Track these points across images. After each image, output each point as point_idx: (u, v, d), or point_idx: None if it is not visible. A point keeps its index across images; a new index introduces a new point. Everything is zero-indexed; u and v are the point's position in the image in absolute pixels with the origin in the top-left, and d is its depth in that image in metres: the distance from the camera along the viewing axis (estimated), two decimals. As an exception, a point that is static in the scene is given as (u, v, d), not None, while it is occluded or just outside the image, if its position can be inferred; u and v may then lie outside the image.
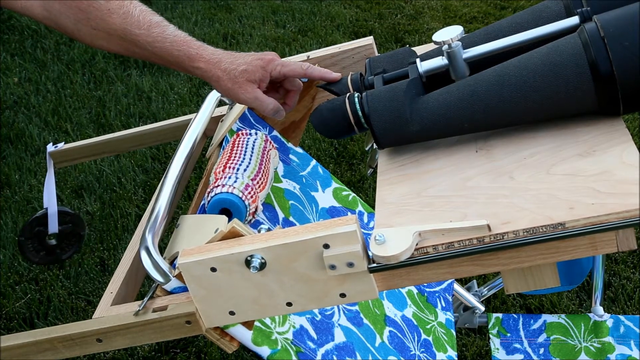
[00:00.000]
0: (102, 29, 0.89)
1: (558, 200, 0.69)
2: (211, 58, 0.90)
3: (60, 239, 1.33)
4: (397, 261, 0.71)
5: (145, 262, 0.82)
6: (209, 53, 0.90)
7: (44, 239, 1.31)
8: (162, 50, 0.89)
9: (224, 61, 0.90)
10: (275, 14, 3.42)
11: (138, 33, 0.88)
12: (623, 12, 0.72)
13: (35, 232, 1.29)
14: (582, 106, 0.76)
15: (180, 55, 0.89)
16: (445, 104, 0.81)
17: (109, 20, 0.88)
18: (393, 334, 1.13)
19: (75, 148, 1.27)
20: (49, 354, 0.87)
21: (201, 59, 0.90)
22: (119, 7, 0.88)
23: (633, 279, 1.77)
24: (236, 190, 0.89)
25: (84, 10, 0.88)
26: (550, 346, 1.32)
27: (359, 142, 2.40)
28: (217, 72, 0.90)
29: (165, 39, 0.89)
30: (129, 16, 0.88)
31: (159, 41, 0.89)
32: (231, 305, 0.79)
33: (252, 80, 0.90)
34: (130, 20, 0.88)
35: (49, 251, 1.33)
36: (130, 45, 0.90)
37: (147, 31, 0.88)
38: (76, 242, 1.36)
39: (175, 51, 0.89)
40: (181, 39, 0.90)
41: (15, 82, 2.88)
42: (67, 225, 1.32)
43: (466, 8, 3.42)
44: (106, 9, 0.88)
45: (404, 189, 0.82)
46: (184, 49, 0.89)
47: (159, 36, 0.89)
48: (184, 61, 0.90)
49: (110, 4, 0.88)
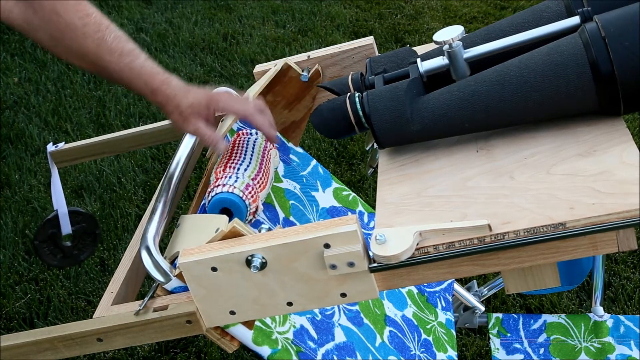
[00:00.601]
0: (75, 50, 0.92)
1: (558, 200, 0.69)
2: (169, 93, 0.94)
3: (76, 239, 1.33)
4: (398, 261, 0.71)
5: (145, 261, 0.82)
6: (170, 88, 0.95)
7: (58, 241, 1.30)
8: (129, 79, 0.94)
9: (178, 96, 0.95)
10: (275, 14, 3.42)
11: (109, 60, 0.92)
12: (624, 12, 0.72)
13: (49, 235, 1.28)
14: (583, 106, 0.76)
15: (144, 87, 0.94)
16: (445, 104, 0.81)
17: (83, 43, 0.91)
18: (393, 333, 1.13)
19: (75, 148, 1.27)
20: (49, 353, 0.87)
21: (161, 94, 0.94)
22: (95, 31, 0.92)
23: (633, 279, 1.77)
24: (237, 189, 0.89)
25: (61, 31, 0.91)
26: (550, 346, 1.32)
27: (359, 142, 2.40)
28: (170, 107, 0.95)
29: (133, 70, 0.93)
30: (103, 42, 0.92)
31: (126, 71, 0.93)
32: (232, 304, 0.79)
33: (197, 114, 0.95)
34: (103, 46, 0.92)
35: (65, 253, 1.32)
36: (100, 69, 0.94)
37: (118, 59, 0.92)
38: (92, 241, 1.36)
39: (140, 82, 0.94)
40: (147, 72, 0.94)
41: (15, 82, 2.88)
42: (80, 225, 1.32)
43: (466, 8, 3.42)
44: (82, 32, 0.91)
45: (405, 188, 0.82)
46: (149, 81, 0.94)
47: (126, 66, 0.93)
48: (146, 94, 0.95)
49: (86, 28, 0.91)
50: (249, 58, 2.98)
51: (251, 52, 3.02)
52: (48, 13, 0.90)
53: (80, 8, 0.92)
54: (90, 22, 0.91)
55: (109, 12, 3.38)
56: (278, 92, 1.15)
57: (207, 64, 2.96)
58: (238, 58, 2.99)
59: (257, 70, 1.17)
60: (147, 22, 3.32)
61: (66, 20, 0.90)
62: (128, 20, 3.31)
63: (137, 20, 3.33)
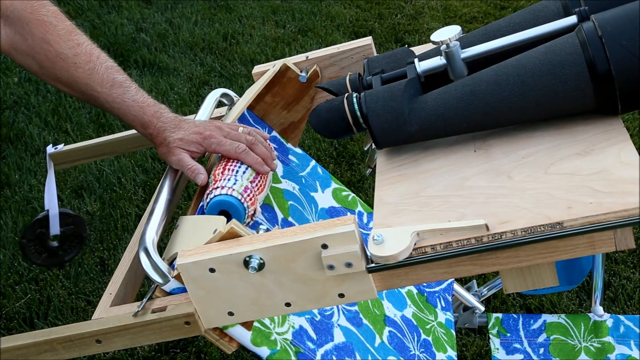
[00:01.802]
0: (65, 79, 0.92)
1: (556, 200, 0.69)
2: (160, 126, 0.95)
3: (62, 240, 1.33)
4: (396, 261, 0.71)
5: (144, 263, 0.83)
6: (160, 121, 0.95)
7: (45, 241, 1.31)
8: (119, 111, 0.94)
9: (168, 130, 0.95)
10: (275, 14, 3.42)
11: (100, 91, 0.92)
12: (621, 12, 0.72)
13: (37, 234, 1.29)
14: (580, 105, 0.76)
15: (134, 120, 0.95)
16: (443, 104, 0.81)
17: (74, 73, 0.91)
18: (392, 334, 1.13)
19: (75, 150, 1.27)
20: (49, 355, 0.87)
21: (151, 127, 0.95)
22: (86, 62, 0.92)
23: (633, 279, 1.77)
24: (235, 192, 0.89)
25: (51, 60, 0.90)
26: (550, 346, 1.32)
27: (358, 142, 2.40)
28: (159, 139, 0.95)
29: (124, 102, 0.94)
30: (94, 73, 0.92)
31: (117, 102, 0.93)
32: (230, 305, 0.79)
33: (183, 148, 0.95)
34: (94, 77, 0.92)
35: (51, 253, 1.33)
36: (89, 98, 0.94)
37: (109, 90, 0.92)
38: (78, 243, 1.36)
39: (130, 115, 0.94)
40: (138, 104, 0.94)
41: (15, 82, 2.88)
42: (68, 226, 1.32)
43: (466, 8, 3.41)
44: (72, 62, 0.91)
45: (403, 188, 0.82)
46: (139, 115, 0.94)
47: (118, 97, 0.93)
48: (137, 125, 0.96)
49: (77, 58, 0.91)
50: (249, 58, 2.98)
51: (251, 52, 3.02)
52: (38, 42, 0.89)
53: (71, 37, 0.91)
54: (81, 53, 0.91)
55: (109, 11, 3.38)
56: (277, 93, 1.15)
57: (207, 64, 2.96)
58: (238, 58, 2.99)
59: (256, 71, 1.17)
60: (147, 22, 3.32)
61: (57, 50, 0.90)
62: (128, 20, 3.31)
63: (137, 20, 3.33)
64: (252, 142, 0.96)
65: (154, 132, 0.95)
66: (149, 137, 0.96)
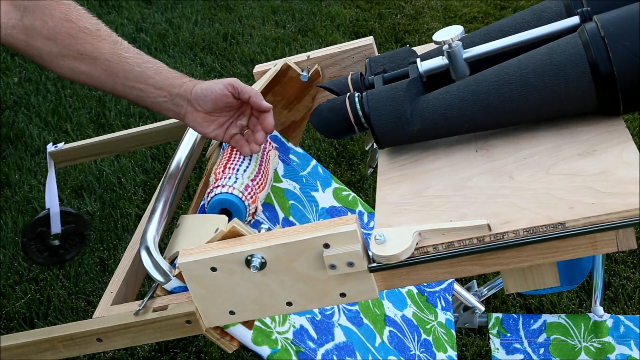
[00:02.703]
0: (89, 52, 0.92)
1: (558, 200, 0.69)
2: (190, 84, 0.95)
3: (64, 239, 1.33)
4: (397, 261, 0.71)
5: (145, 261, 0.83)
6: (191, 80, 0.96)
7: (47, 240, 1.31)
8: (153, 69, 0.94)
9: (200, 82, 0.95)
10: (275, 14, 3.42)
11: (128, 56, 0.93)
12: (623, 12, 0.72)
13: (38, 233, 1.29)
14: (582, 106, 0.76)
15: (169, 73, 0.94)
16: (445, 104, 0.81)
17: (99, 44, 0.92)
18: (393, 333, 1.13)
19: (75, 148, 1.27)
20: (49, 353, 0.87)
21: (184, 85, 0.94)
22: (109, 35, 0.94)
23: (633, 279, 1.77)
24: (236, 190, 0.89)
25: (74, 36, 0.91)
26: (550, 346, 1.32)
27: (359, 142, 2.40)
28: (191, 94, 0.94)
29: (156, 62, 0.95)
30: (119, 43, 0.93)
31: (151, 62, 0.94)
32: (231, 304, 0.79)
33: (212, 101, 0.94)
34: (120, 46, 0.93)
35: (52, 252, 1.33)
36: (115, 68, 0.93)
37: (137, 55, 0.94)
38: (79, 242, 1.36)
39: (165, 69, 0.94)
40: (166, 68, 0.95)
41: (15, 82, 2.88)
42: (69, 225, 1.32)
43: (466, 8, 3.42)
44: (97, 35, 0.92)
45: (404, 188, 0.82)
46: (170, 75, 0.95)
47: (150, 59, 0.94)
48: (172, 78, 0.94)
49: (100, 32, 0.93)
50: (249, 58, 2.98)
51: (251, 52, 3.02)
52: (60, 21, 0.91)
53: (90, 16, 0.94)
54: (102, 28, 0.94)
55: (109, 11, 3.38)
56: (278, 92, 1.15)
57: (207, 64, 2.96)
58: (238, 58, 2.99)
59: (257, 70, 1.17)
60: (147, 22, 3.32)
61: (79, 26, 0.92)
62: (128, 20, 3.31)
63: (137, 20, 3.33)
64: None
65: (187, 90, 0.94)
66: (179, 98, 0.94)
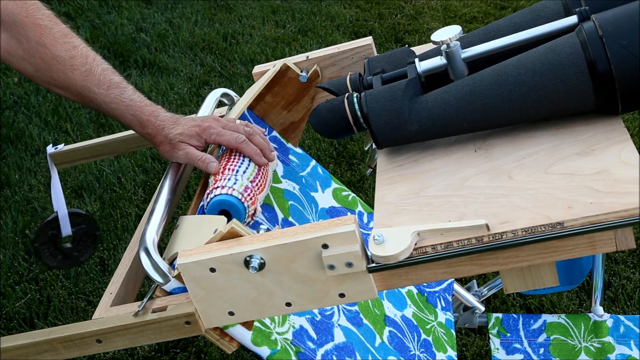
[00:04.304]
0: (61, 81, 0.92)
1: (556, 200, 0.69)
2: (158, 125, 0.95)
3: (75, 241, 1.33)
4: (396, 261, 0.71)
5: (144, 262, 0.83)
6: (158, 119, 0.95)
7: (58, 243, 1.30)
8: (117, 111, 0.94)
9: (167, 127, 0.95)
10: (275, 14, 3.42)
11: (97, 92, 0.92)
12: (621, 11, 0.72)
13: (49, 237, 1.28)
14: (581, 105, 0.76)
15: (133, 120, 0.95)
16: (443, 104, 0.81)
17: (71, 75, 0.91)
18: (393, 334, 1.13)
19: (75, 149, 1.27)
20: (49, 354, 0.87)
21: (150, 125, 0.95)
22: (82, 64, 0.92)
23: (633, 279, 1.77)
24: (235, 192, 0.89)
25: (47, 63, 0.91)
26: (550, 346, 1.32)
27: (359, 142, 2.40)
28: (159, 137, 0.95)
29: (122, 102, 0.94)
30: (91, 74, 0.92)
31: (115, 103, 0.93)
32: (230, 305, 0.79)
33: (186, 142, 0.95)
34: (91, 79, 0.92)
35: (65, 254, 1.33)
36: (86, 100, 0.94)
37: (106, 91, 0.93)
38: (92, 242, 1.36)
39: (128, 115, 0.94)
40: (136, 104, 0.94)
41: (15, 82, 2.88)
42: (80, 226, 1.32)
43: (466, 8, 3.41)
44: (69, 64, 0.91)
45: (403, 188, 0.82)
46: (137, 114, 0.94)
47: (115, 98, 0.93)
48: (135, 125, 0.95)
49: (73, 60, 0.91)
50: (249, 58, 2.98)
51: (251, 52, 3.02)
52: (34, 45, 0.90)
53: (67, 40, 0.92)
54: (77, 55, 0.92)
55: (109, 11, 3.38)
56: (277, 93, 1.15)
57: (207, 64, 2.96)
58: (238, 58, 2.99)
59: (256, 71, 1.17)
60: (147, 22, 3.32)
61: (53, 53, 0.90)
62: (128, 20, 3.31)
63: (137, 20, 3.33)
64: (250, 133, 0.96)
65: (153, 132, 0.95)
66: (148, 137, 0.96)
